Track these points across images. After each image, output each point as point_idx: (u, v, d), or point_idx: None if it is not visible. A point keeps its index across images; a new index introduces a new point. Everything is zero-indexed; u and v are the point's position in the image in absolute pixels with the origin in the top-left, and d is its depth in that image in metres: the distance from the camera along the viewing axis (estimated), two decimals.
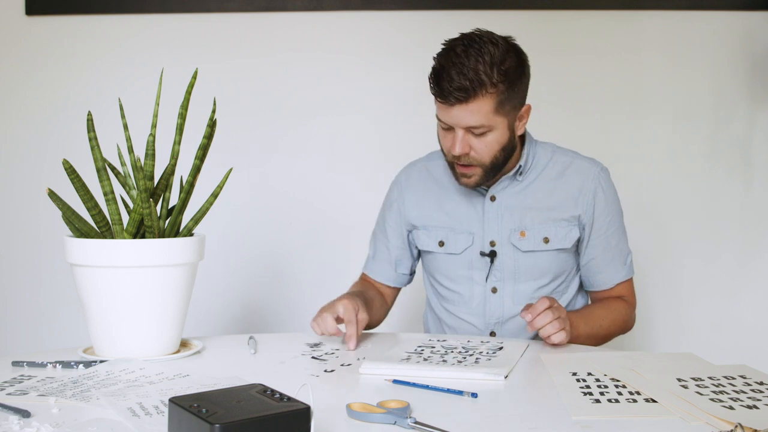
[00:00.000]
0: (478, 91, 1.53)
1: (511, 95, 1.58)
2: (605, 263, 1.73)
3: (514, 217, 1.70)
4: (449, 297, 1.78)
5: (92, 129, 1.37)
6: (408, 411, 1.04)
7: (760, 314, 2.44)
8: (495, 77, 1.53)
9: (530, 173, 1.72)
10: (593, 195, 1.70)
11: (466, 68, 1.52)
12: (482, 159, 1.61)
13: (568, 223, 1.70)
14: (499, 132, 1.60)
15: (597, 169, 1.72)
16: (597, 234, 1.71)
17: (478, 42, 1.54)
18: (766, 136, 2.42)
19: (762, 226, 2.43)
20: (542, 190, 1.71)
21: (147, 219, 1.38)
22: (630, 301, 1.77)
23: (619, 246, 1.74)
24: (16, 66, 2.44)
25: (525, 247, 1.69)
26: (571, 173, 1.71)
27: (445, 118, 1.59)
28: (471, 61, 1.53)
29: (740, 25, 2.40)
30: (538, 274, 1.71)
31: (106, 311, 1.38)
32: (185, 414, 0.87)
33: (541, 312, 1.47)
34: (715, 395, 1.13)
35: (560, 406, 1.11)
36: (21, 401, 1.11)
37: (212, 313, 2.46)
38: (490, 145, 1.60)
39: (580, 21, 2.41)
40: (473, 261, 1.73)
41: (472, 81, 1.52)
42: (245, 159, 2.41)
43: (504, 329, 1.73)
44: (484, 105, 1.55)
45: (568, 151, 1.75)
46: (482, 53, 1.53)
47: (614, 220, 1.73)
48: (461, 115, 1.56)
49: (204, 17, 2.42)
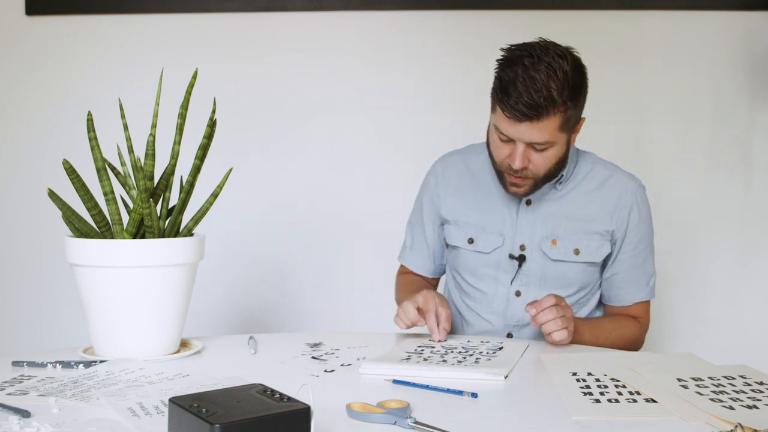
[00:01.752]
0: (550, 110, 1.50)
1: (576, 112, 1.56)
2: (628, 281, 1.72)
3: (547, 224, 1.69)
4: (472, 293, 1.77)
5: (92, 129, 1.37)
6: (408, 411, 1.04)
7: (760, 314, 2.44)
8: (566, 95, 1.51)
9: (569, 183, 1.71)
10: (629, 210, 1.68)
11: (538, 84, 1.49)
12: (538, 172, 1.60)
13: (601, 237, 1.68)
14: (559, 147, 1.58)
15: (635, 186, 1.70)
16: (626, 250, 1.69)
17: (547, 55, 1.51)
18: (766, 136, 2.42)
19: (762, 226, 2.43)
20: (579, 200, 1.69)
21: (147, 219, 1.38)
22: (643, 323, 1.75)
23: (644, 266, 1.72)
24: (16, 66, 2.44)
25: (555, 255, 1.68)
26: (610, 186, 1.70)
27: (508, 131, 1.55)
28: (542, 77, 1.49)
29: (740, 25, 2.40)
30: (565, 284, 1.69)
31: (106, 311, 1.38)
32: (185, 414, 0.87)
33: (546, 308, 1.47)
34: (715, 395, 1.13)
35: (560, 406, 1.11)
36: (21, 401, 1.11)
37: (212, 313, 2.46)
38: (549, 160, 1.59)
39: (580, 21, 2.41)
40: (501, 262, 1.72)
41: (546, 99, 1.49)
42: (245, 159, 2.41)
43: (522, 333, 1.73)
44: (552, 123, 1.52)
45: (609, 164, 1.74)
46: (554, 69, 1.49)
47: (644, 238, 1.71)
48: (528, 132, 1.53)
49: (204, 17, 2.42)
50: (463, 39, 2.40)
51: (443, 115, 2.42)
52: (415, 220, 1.86)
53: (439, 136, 2.36)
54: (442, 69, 2.42)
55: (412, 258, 1.85)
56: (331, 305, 2.46)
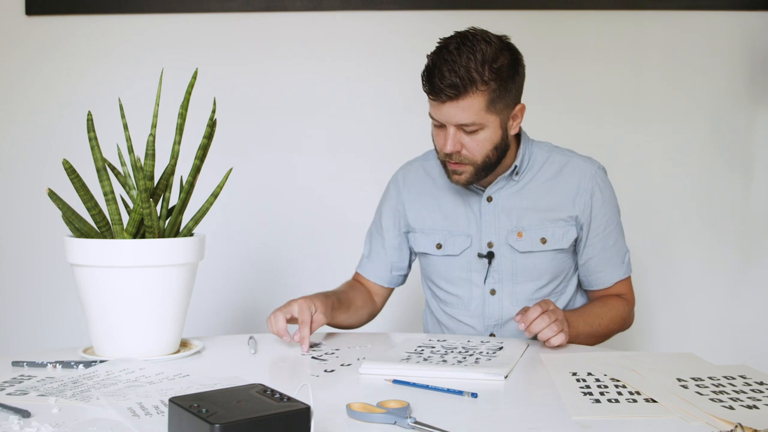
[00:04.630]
0: (468, 88, 1.53)
1: (503, 93, 1.57)
2: (603, 262, 1.73)
3: (511, 217, 1.70)
4: (448, 300, 1.78)
5: (92, 129, 1.37)
6: (408, 411, 1.04)
7: (760, 314, 2.44)
8: (486, 75, 1.53)
9: (527, 173, 1.71)
10: (590, 194, 1.69)
11: (457, 65, 1.53)
12: (474, 157, 1.61)
13: (566, 223, 1.69)
14: (491, 130, 1.59)
15: (594, 168, 1.71)
16: (595, 233, 1.71)
17: (471, 40, 1.55)
18: (766, 136, 2.42)
19: (762, 226, 2.43)
20: (539, 190, 1.70)
21: (147, 219, 1.38)
22: (629, 299, 1.76)
23: (617, 245, 1.74)
24: (16, 66, 2.44)
25: (522, 248, 1.69)
26: (568, 172, 1.71)
27: (436, 115, 1.59)
28: (463, 59, 1.53)
29: (740, 25, 2.40)
30: (537, 275, 1.71)
31: (106, 311, 1.38)
32: (185, 414, 0.87)
33: (535, 318, 1.47)
34: (715, 395, 1.13)
35: (560, 406, 1.11)
36: (21, 401, 1.11)
37: (212, 313, 2.46)
38: (482, 144, 1.60)
39: (579, 21, 2.41)
40: (471, 263, 1.73)
41: (463, 78, 1.52)
42: (245, 159, 2.41)
43: (503, 331, 1.73)
44: (475, 102, 1.55)
45: (565, 150, 1.75)
46: (474, 51, 1.53)
47: (612, 219, 1.72)
48: (452, 112, 1.56)
49: (204, 17, 2.42)
50: None
51: None
52: (374, 230, 1.86)
53: None
54: None
55: (368, 266, 1.85)
56: None
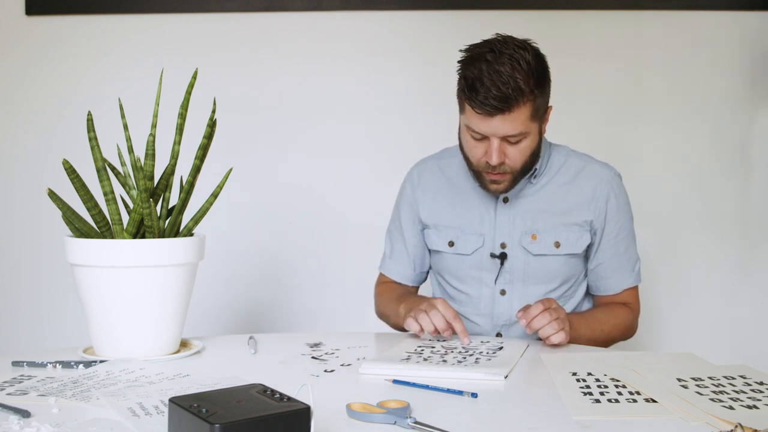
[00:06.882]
0: (519, 100, 1.51)
1: (543, 99, 1.57)
2: (613, 269, 1.72)
3: (526, 220, 1.69)
4: (457, 297, 1.77)
5: (92, 129, 1.37)
6: (408, 411, 1.04)
7: (760, 314, 2.44)
8: (532, 84, 1.52)
9: (544, 176, 1.71)
10: (606, 200, 1.69)
11: (504, 77, 1.50)
12: (515, 165, 1.60)
13: (580, 228, 1.69)
14: (532, 137, 1.59)
15: (610, 174, 1.71)
16: (607, 239, 1.70)
17: (509, 48, 1.52)
18: (766, 136, 2.42)
19: (762, 226, 2.43)
20: (555, 193, 1.70)
21: (147, 219, 1.38)
22: (634, 309, 1.76)
23: (627, 252, 1.73)
24: (16, 66, 2.44)
25: (536, 250, 1.69)
26: (585, 177, 1.70)
27: (480, 128, 1.56)
28: (507, 69, 1.50)
29: (740, 25, 2.40)
30: (548, 278, 1.70)
31: (106, 311, 1.38)
32: (185, 414, 0.87)
33: (537, 315, 1.47)
34: (715, 395, 1.13)
35: (560, 406, 1.11)
36: (21, 401, 1.11)
37: (212, 313, 2.46)
38: (524, 152, 1.59)
39: (579, 21, 2.41)
40: (483, 262, 1.72)
41: (515, 90, 1.50)
42: (245, 159, 2.41)
43: (511, 331, 1.73)
44: (523, 113, 1.53)
45: (582, 155, 1.74)
46: (516, 60, 1.51)
47: (625, 226, 1.72)
48: (500, 125, 1.54)
49: (204, 17, 2.42)
50: (463, 38, 2.38)
51: (445, 115, 2.39)
52: (393, 229, 1.86)
53: (441, 136, 2.35)
54: (442, 68, 2.40)
55: (393, 267, 1.85)
56: (332, 305, 2.46)
